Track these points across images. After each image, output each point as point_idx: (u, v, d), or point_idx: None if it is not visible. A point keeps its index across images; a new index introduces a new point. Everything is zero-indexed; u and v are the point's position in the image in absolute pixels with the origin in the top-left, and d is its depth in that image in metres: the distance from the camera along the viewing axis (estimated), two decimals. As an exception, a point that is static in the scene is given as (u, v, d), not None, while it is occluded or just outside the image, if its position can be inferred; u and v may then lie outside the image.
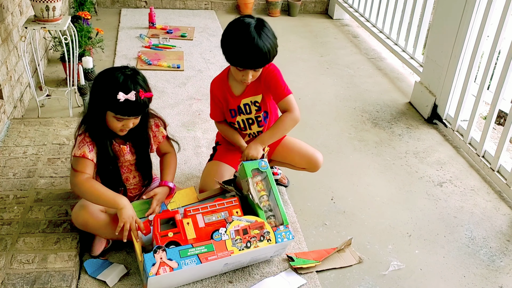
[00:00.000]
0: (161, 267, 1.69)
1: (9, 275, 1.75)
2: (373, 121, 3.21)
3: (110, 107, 1.79)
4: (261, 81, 2.08)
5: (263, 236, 1.83)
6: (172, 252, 1.72)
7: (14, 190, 2.17)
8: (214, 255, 1.75)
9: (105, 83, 1.81)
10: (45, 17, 2.68)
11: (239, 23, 1.95)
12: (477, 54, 2.82)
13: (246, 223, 1.84)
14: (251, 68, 1.96)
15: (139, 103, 1.79)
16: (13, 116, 2.76)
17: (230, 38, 1.95)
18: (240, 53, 1.92)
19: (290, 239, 1.87)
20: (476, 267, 2.10)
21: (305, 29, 4.91)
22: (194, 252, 1.74)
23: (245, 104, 2.14)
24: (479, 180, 2.68)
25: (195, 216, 1.86)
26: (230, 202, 1.92)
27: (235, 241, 1.80)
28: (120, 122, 1.84)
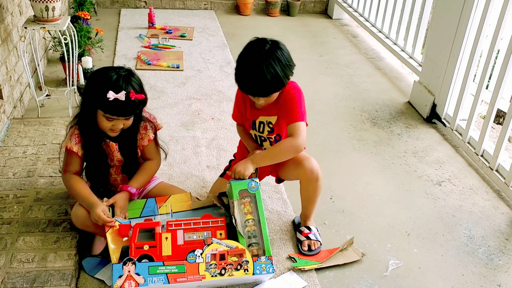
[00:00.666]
0: (127, 280, 1.65)
1: (9, 274, 1.76)
2: (372, 120, 3.21)
3: (99, 106, 1.78)
4: (279, 103, 1.96)
5: (240, 265, 1.74)
6: (141, 267, 1.68)
7: (14, 189, 2.17)
8: (184, 277, 1.68)
9: (97, 81, 1.80)
10: (45, 17, 2.69)
11: (250, 47, 1.87)
12: (475, 54, 2.83)
13: (225, 248, 1.75)
14: (254, 96, 1.90)
15: (129, 104, 1.77)
16: (13, 116, 2.77)
17: (238, 62, 1.88)
18: (242, 80, 1.87)
19: (270, 273, 1.76)
20: (475, 265, 2.10)
21: (305, 29, 4.92)
22: (163, 271, 1.68)
23: (260, 121, 2.05)
24: (477, 179, 2.69)
25: (175, 232, 1.80)
26: (216, 221, 1.85)
27: (209, 265, 1.72)
28: (110, 122, 1.82)
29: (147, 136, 2.00)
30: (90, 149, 1.91)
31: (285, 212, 2.31)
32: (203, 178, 2.49)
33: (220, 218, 1.88)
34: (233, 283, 1.84)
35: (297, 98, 1.93)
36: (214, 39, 4.41)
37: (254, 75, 1.81)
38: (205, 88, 3.47)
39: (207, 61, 3.93)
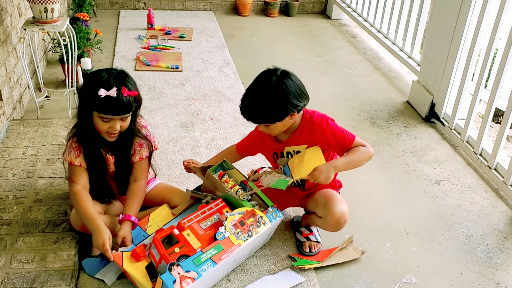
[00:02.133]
0: (183, 281, 1.65)
1: (9, 274, 1.76)
2: (371, 120, 3.22)
3: (93, 106, 1.77)
4: (312, 136, 1.95)
5: (258, 222, 1.90)
6: (187, 264, 1.70)
7: (14, 190, 2.18)
8: (225, 253, 1.77)
9: (89, 82, 1.81)
10: (44, 19, 2.70)
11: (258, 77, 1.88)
12: (474, 53, 2.84)
13: (239, 215, 1.89)
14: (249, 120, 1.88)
15: (122, 101, 1.76)
16: (12, 117, 2.77)
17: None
18: (241, 105, 1.87)
19: (281, 216, 1.97)
20: (473, 264, 2.11)
21: (303, 29, 4.93)
22: (207, 257, 1.74)
23: (288, 152, 2.02)
24: (476, 178, 2.69)
25: (191, 226, 1.85)
26: (217, 204, 1.95)
27: (237, 234, 1.84)
28: (106, 124, 1.81)
29: (139, 154, 1.99)
30: (90, 158, 1.91)
31: (284, 211, 2.31)
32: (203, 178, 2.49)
33: (218, 200, 1.97)
34: (257, 242, 1.95)
35: (335, 128, 1.94)
36: (213, 40, 4.42)
37: (250, 101, 1.84)
38: (204, 89, 3.47)
39: (206, 62, 3.93)
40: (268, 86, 1.81)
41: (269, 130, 1.92)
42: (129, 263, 1.76)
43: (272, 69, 1.87)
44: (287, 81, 1.82)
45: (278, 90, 1.80)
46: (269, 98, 1.80)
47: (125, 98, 1.77)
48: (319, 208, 2.01)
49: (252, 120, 1.87)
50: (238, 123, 3.03)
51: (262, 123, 1.87)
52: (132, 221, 1.89)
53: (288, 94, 1.81)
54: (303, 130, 1.96)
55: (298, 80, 1.87)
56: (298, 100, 1.83)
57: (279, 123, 1.86)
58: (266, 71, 1.87)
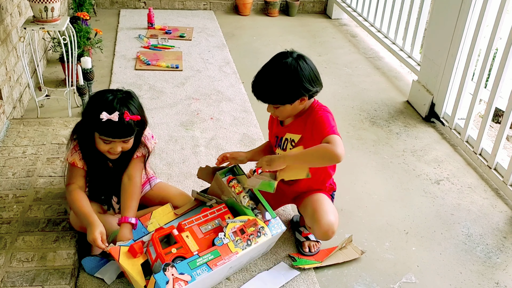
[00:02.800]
0: (176, 282, 1.65)
1: (9, 273, 1.77)
2: (371, 119, 3.22)
3: (95, 127, 1.78)
4: (305, 123, 1.91)
5: (259, 232, 1.87)
6: (181, 266, 1.69)
7: (14, 189, 2.18)
8: (221, 260, 1.75)
9: (94, 103, 1.80)
10: (44, 18, 2.70)
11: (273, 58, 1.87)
12: (474, 53, 2.84)
13: (240, 223, 1.87)
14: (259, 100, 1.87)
15: (123, 125, 1.75)
16: (12, 116, 2.77)
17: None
18: (253, 83, 1.88)
19: (283, 229, 1.94)
20: (473, 263, 2.11)
21: (304, 29, 4.93)
22: (202, 261, 1.72)
23: (285, 139, 1.99)
24: (476, 178, 2.69)
25: (191, 228, 1.84)
26: (219, 209, 1.94)
27: (236, 242, 1.82)
28: (107, 145, 1.81)
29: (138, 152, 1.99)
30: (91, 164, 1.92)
31: (283, 211, 2.32)
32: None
33: (221, 205, 1.96)
34: (256, 252, 1.92)
35: (324, 117, 1.87)
36: (213, 39, 4.42)
37: (262, 80, 1.84)
38: (204, 88, 3.47)
39: (206, 61, 3.94)
40: (282, 66, 1.81)
41: (277, 113, 1.91)
42: (125, 258, 1.75)
43: (288, 51, 1.87)
44: (302, 63, 1.81)
45: (292, 71, 1.79)
46: (282, 78, 1.80)
47: (127, 122, 1.76)
48: (307, 218, 2.00)
49: (262, 99, 1.86)
50: (238, 122, 3.03)
51: (272, 103, 1.87)
52: (131, 222, 1.86)
53: (301, 77, 1.80)
54: (304, 118, 1.93)
55: (313, 64, 1.87)
56: (310, 84, 1.82)
57: (288, 106, 1.85)
58: (282, 52, 1.86)
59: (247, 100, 3.33)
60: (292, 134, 1.97)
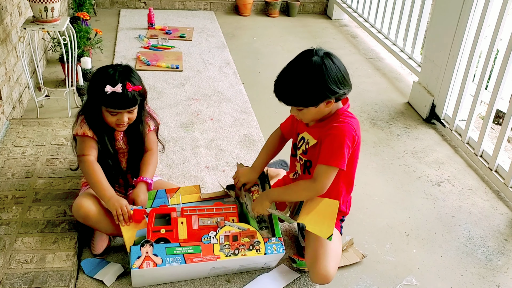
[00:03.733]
0: (145, 261, 1.71)
1: (8, 274, 1.76)
2: (371, 121, 3.21)
3: (101, 101, 1.88)
4: (325, 133, 1.78)
5: (252, 246, 1.81)
6: (158, 248, 1.74)
7: (13, 190, 2.17)
8: (199, 257, 1.75)
9: (96, 78, 1.90)
10: (44, 18, 2.69)
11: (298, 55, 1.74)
12: (475, 54, 2.83)
13: (237, 230, 1.83)
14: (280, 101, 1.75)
15: (126, 96, 1.85)
16: (12, 117, 2.77)
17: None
18: (275, 83, 1.74)
19: (280, 253, 1.83)
20: (474, 266, 2.10)
21: (304, 30, 4.92)
22: (180, 252, 1.75)
23: (302, 137, 1.89)
24: (477, 180, 2.69)
25: (190, 217, 1.86)
26: (228, 208, 1.93)
27: (223, 246, 1.79)
28: (114, 117, 1.91)
29: (147, 126, 2.08)
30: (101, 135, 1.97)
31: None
32: (202, 179, 2.49)
33: (232, 206, 1.95)
34: (246, 264, 1.87)
35: (338, 137, 1.73)
36: (214, 40, 4.41)
37: (285, 80, 1.71)
38: (205, 89, 3.47)
39: (207, 62, 3.93)
40: (306, 65, 1.66)
41: (301, 115, 1.77)
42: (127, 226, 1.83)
43: (316, 49, 1.71)
44: (328, 62, 1.66)
45: (317, 71, 1.65)
46: (305, 78, 1.65)
47: (130, 93, 1.86)
48: (307, 256, 1.87)
49: (284, 101, 1.72)
50: (238, 123, 3.02)
51: (294, 105, 1.73)
52: (146, 181, 1.97)
53: (326, 77, 1.65)
54: (325, 124, 1.79)
55: (341, 64, 1.72)
56: (337, 85, 1.68)
57: (312, 108, 1.71)
58: (308, 50, 1.71)
59: (247, 101, 3.32)
60: (310, 135, 1.85)
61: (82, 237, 1.99)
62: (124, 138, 2.05)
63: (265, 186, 2.00)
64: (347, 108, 1.83)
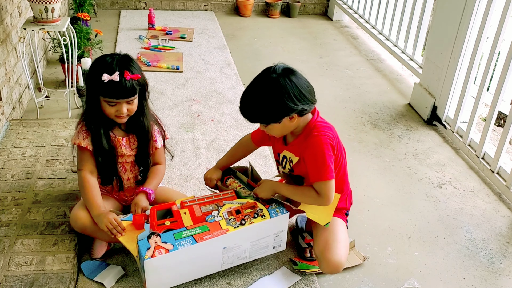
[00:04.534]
0: (156, 250, 1.68)
1: (7, 277, 1.74)
2: (372, 122, 3.20)
3: (98, 91, 1.81)
4: (301, 148, 1.83)
5: (256, 214, 1.84)
6: (166, 235, 1.72)
7: (13, 191, 2.16)
8: (209, 234, 1.74)
9: (94, 67, 1.84)
10: (44, 18, 2.68)
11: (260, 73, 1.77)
12: (476, 56, 2.82)
13: (238, 205, 1.86)
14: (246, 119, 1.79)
15: (124, 85, 1.78)
16: (11, 118, 2.75)
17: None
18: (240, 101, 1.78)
19: (284, 213, 1.87)
20: (476, 269, 2.09)
21: (305, 31, 4.91)
22: (188, 234, 1.74)
23: (283, 156, 1.93)
24: (478, 182, 2.68)
25: (192, 206, 1.86)
26: (226, 194, 1.94)
27: (229, 220, 1.80)
28: (113, 107, 1.83)
29: (160, 141, 2.05)
30: (97, 141, 1.91)
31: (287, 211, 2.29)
32: (203, 180, 2.47)
33: (229, 191, 1.96)
34: (258, 239, 1.86)
35: (319, 151, 1.76)
36: (214, 41, 4.40)
37: (247, 99, 1.75)
38: (205, 90, 3.46)
39: (207, 63, 3.92)
40: (264, 84, 1.71)
41: (268, 131, 1.82)
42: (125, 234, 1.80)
43: (275, 66, 1.75)
44: (284, 81, 1.69)
45: (274, 90, 1.68)
46: (263, 96, 1.70)
47: (128, 82, 1.79)
48: (316, 247, 1.88)
49: (248, 119, 1.76)
50: (239, 124, 3.01)
51: (257, 122, 1.79)
52: (147, 192, 1.95)
53: (282, 95, 1.68)
54: (301, 140, 1.83)
55: (302, 80, 1.73)
56: (294, 102, 1.68)
57: (276, 124, 1.75)
58: (268, 68, 1.76)
59: (248, 102, 3.31)
60: (291, 153, 1.88)
61: (82, 239, 1.97)
62: (131, 144, 1.98)
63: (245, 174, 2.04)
64: (317, 117, 1.85)
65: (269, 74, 1.73)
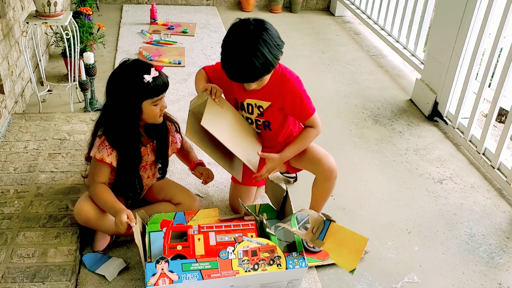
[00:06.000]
0: (161, 278, 1.63)
1: (10, 269, 1.76)
2: (374, 118, 3.21)
3: (145, 94, 1.79)
4: (279, 94, 1.93)
5: (273, 260, 1.72)
6: (174, 264, 1.66)
7: (15, 184, 2.17)
8: (217, 273, 1.67)
9: (125, 77, 1.79)
10: (47, 12, 2.69)
11: (234, 31, 1.79)
12: (478, 52, 2.82)
13: (256, 245, 1.75)
14: (243, 83, 1.88)
15: (163, 78, 1.82)
16: (14, 111, 2.77)
17: (224, 49, 1.81)
18: (230, 69, 1.80)
19: (303, 267, 1.74)
20: (476, 264, 2.10)
21: (307, 26, 4.91)
22: (197, 268, 1.67)
23: (248, 104, 2.00)
24: (479, 178, 2.68)
25: (207, 233, 1.79)
26: (246, 225, 1.85)
27: (242, 261, 1.71)
28: (157, 107, 1.86)
29: (178, 139, 2.11)
30: (128, 156, 1.89)
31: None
32: (204, 174, 2.48)
33: (250, 222, 1.87)
34: (268, 282, 1.76)
35: (302, 92, 1.94)
36: (216, 35, 4.40)
37: (242, 63, 1.75)
38: (207, 85, 3.46)
39: (209, 57, 3.92)
40: (252, 40, 1.73)
41: (259, 85, 1.89)
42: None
43: (243, 20, 1.80)
44: (266, 31, 1.76)
45: (264, 42, 1.74)
46: (259, 51, 1.73)
47: (164, 74, 1.84)
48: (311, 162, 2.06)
49: (248, 80, 1.81)
50: (241, 119, 3.01)
51: (260, 78, 1.81)
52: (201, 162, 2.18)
53: (273, 44, 1.77)
54: (273, 85, 1.90)
55: (272, 26, 1.84)
56: (280, 49, 1.82)
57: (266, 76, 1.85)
58: (239, 24, 1.79)
59: (249, 97, 3.32)
60: (259, 100, 1.97)
61: (84, 232, 1.99)
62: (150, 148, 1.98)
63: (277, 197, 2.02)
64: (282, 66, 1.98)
65: (247, 28, 1.76)
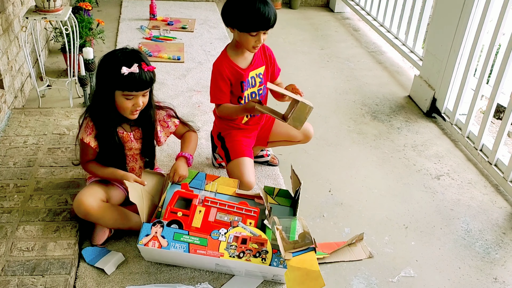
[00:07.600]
0: (152, 240, 1.74)
1: (9, 262, 1.77)
2: (372, 114, 3.22)
3: (117, 85, 1.80)
4: (264, 53, 2.22)
5: (259, 253, 1.75)
6: (168, 231, 1.77)
7: (15, 179, 2.19)
8: (203, 251, 1.74)
9: (108, 63, 1.83)
10: (46, 8, 2.69)
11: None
12: (476, 48, 2.83)
13: (248, 234, 1.79)
14: (266, 29, 2.02)
15: (143, 76, 1.80)
16: (13, 106, 2.78)
17: (243, 5, 1.99)
18: (256, 15, 1.97)
19: (284, 268, 1.73)
20: (472, 259, 2.12)
21: (306, 22, 4.91)
22: (186, 240, 1.76)
23: (251, 77, 2.18)
24: (476, 174, 2.70)
25: (210, 208, 1.87)
26: (249, 210, 1.90)
27: (230, 245, 1.76)
28: (130, 101, 1.84)
29: (172, 123, 2.08)
30: (104, 138, 1.92)
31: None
32: (202, 170, 2.50)
33: (254, 209, 1.91)
34: (253, 270, 1.79)
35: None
36: (215, 31, 4.40)
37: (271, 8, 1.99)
38: (206, 80, 3.47)
39: (208, 53, 3.93)
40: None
41: (264, 39, 2.06)
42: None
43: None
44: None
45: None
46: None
47: (146, 74, 1.81)
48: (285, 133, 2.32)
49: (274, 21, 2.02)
50: (239, 115, 3.03)
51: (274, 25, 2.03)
52: (184, 156, 2.02)
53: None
54: (260, 51, 2.19)
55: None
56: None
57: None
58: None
59: (248, 92, 3.33)
60: (257, 68, 2.19)
61: (83, 226, 2.00)
62: (137, 136, 2.00)
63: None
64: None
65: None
